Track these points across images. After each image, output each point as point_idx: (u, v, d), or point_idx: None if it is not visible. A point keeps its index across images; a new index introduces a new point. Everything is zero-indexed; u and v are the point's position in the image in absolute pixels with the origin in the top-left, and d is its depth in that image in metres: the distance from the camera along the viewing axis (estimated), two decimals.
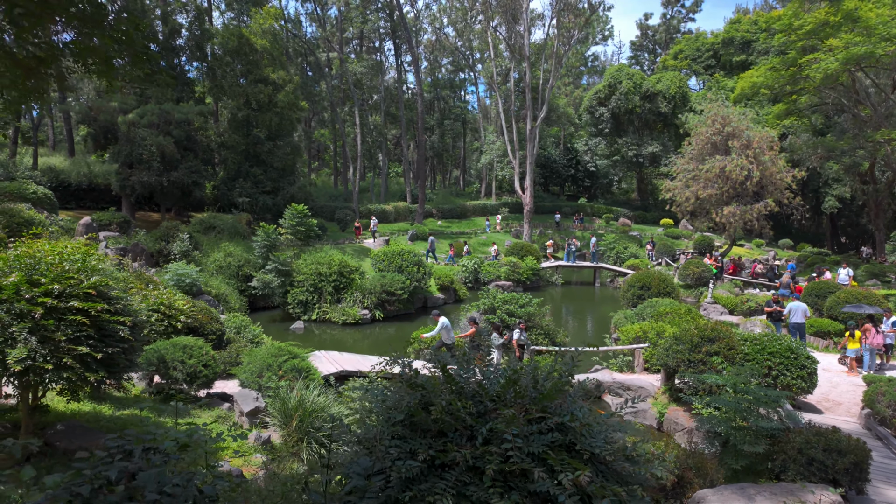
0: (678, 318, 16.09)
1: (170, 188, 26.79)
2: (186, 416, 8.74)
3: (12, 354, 5.12)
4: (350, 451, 3.38)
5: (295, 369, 9.60)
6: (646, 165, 52.50)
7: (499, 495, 2.70)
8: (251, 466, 7.13)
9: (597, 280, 30.95)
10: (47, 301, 5.50)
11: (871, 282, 27.05)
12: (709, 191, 26.64)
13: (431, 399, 3.18)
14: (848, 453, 6.53)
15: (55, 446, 6.37)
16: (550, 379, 3.65)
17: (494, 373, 3.65)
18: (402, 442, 2.97)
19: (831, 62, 23.56)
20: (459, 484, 2.79)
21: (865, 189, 39.01)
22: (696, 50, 52.66)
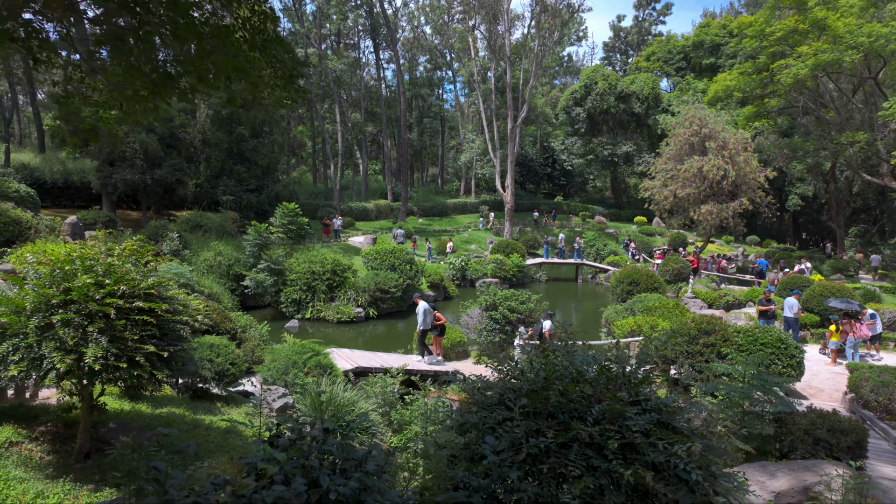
0: (667, 313, 16.89)
1: (153, 186, 26.36)
2: (219, 413, 8.91)
3: (89, 353, 5.28)
4: (460, 436, 3.75)
5: (319, 366, 9.84)
6: (620, 164, 53.89)
7: (622, 466, 3.12)
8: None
9: (579, 276, 31.79)
10: (116, 302, 5.66)
11: (835, 276, 28.60)
12: (687, 190, 27.71)
13: (545, 386, 3.58)
14: (850, 433, 7.20)
15: (111, 443, 6.51)
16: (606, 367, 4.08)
17: (582, 362, 4.07)
18: (527, 423, 3.36)
19: (801, 68, 24.82)
20: (582, 457, 3.20)
21: (827, 188, 41.05)
22: (668, 52, 54.26)
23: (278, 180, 32.44)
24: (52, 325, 5.42)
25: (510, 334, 14.88)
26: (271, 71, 4.40)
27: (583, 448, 3.26)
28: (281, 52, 4.29)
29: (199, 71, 4.10)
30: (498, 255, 28.98)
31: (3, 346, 5.27)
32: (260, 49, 4.17)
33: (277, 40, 4.30)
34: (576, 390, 3.48)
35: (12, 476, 5.45)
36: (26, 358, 5.27)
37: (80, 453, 6.22)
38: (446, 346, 14.81)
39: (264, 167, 31.14)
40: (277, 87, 4.42)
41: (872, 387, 10.37)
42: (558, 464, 3.15)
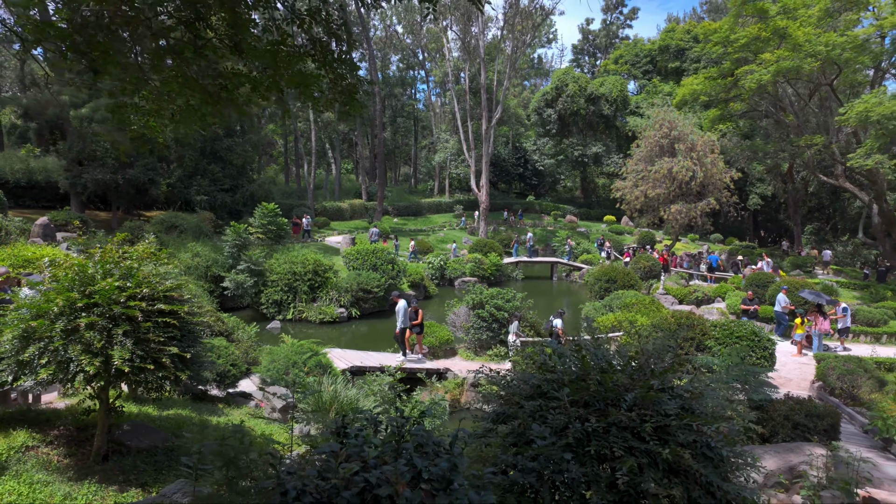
0: (644, 309, 17.58)
1: (125, 186, 25.76)
2: (222, 414, 8.96)
3: (116, 355, 5.35)
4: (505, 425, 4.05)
5: (319, 366, 9.99)
6: (589, 165, 55.11)
7: (659, 446, 3.48)
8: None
9: (554, 274, 32.50)
10: (139, 305, 5.73)
11: (795, 272, 30.11)
12: (657, 190, 28.69)
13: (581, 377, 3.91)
14: (825, 417, 7.82)
15: (126, 445, 6.56)
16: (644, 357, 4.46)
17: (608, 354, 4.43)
18: (573, 410, 3.68)
19: (764, 74, 26.03)
20: (622, 439, 3.54)
21: (786, 188, 43.03)
22: (635, 56, 55.75)
23: (253, 180, 32.07)
24: (77, 328, 5.46)
25: (497, 332, 15.25)
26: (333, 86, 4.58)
27: (621, 432, 3.60)
28: (346, 71, 4.49)
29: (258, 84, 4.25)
30: (476, 255, 29.40)
31: (29, 349, 5.28)
32: (327, 67, 4.36)
33: (345, 60, 4.50)
34: (612, 379, 3.83)
35: (36, 479, 5.48)
36: (53, 361, 5.31)
37: (98, 455, 6.25)
38: (434, 345, 15.08)
39: (239, 166, 30.76)
40: (337, 102, 4.60)
41: (838, 375, 11.14)
42: (602, 446, 3.49)
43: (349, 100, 4.63)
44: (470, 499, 2.63)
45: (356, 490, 2.53)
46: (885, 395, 11.29)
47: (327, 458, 2.94)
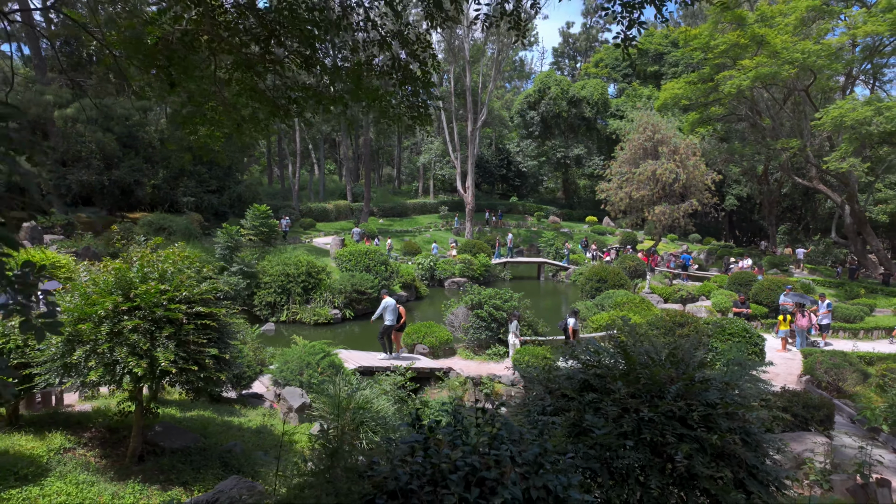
0: (635, 308, 18.10)
1: (110, 188, 25.38)
2: (239, 415, 9.08)
3: (162, 357, 5.48)
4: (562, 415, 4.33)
5: (332, 366, 10.16)
6: (571, 166, 55.92)
7: (706, 432, 3.81)
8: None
9: (541, 275, 32.99)
10: (180, 307, 5.87)
11: (772, 271, 31.14)
12: (642, 192, 29.42)
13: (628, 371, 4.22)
14: (822, 408, 8.31)
15: (160, 446, 6.66)
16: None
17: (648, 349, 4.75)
18: (632, 401, 3.98)
19: (743, 80, 26.92)
20: (672, 427, 3.86)
21: (761, 189, 44.38)
22: (615, 59, 56.78)
23: (240, 181, 31.83)
24: (120, 331, 5.57)
25: (496, 331, 15.56)
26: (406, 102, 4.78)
27: (670, 420, 3.92)
28: (419, 85, 4.71)
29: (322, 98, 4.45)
30: (466, 255, 29.69)
31: (77, 352, 5.38)
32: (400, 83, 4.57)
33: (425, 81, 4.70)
34: (659, 373, 4.14)
35: (81, 479, 5.58)
36: (101, 364, 5.42)
37: (134, 456, 6.35)
38: (434, 344, 15.32)
39: (226, 168, 30.50)
40: (405, 116, 4.82)
41: (826, 369, 11.73)
42: (655, 434, 3.80)
43: (419, 115, 4.85)
44: (559, 480, 2.90)
45: (462, 473, 2.78)
46: (868, 388, 11.94)
47: (424, 446, 3.18)
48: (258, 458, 6.99)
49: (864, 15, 24.34)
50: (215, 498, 4.75)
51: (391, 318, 13.88)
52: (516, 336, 14.46)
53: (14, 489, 5.11)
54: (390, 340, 14.24)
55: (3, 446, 5.87)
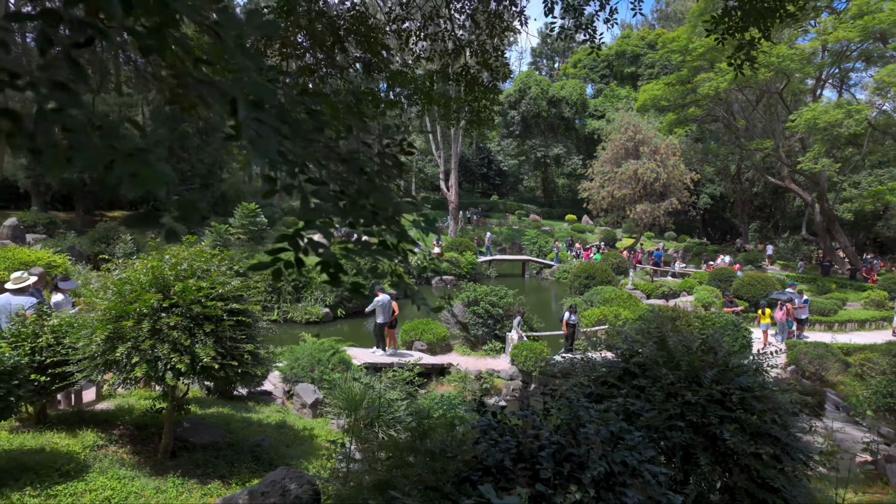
0: (623, 303, 18.63)
1: (92, 186, 24.83)
2: (255, 412, 9.16)
3: (203, 353, 5.58)
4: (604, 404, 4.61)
5: (342, 362, 10.30)
6: (551, 165, 56.72)
7: (743, 412, 4.14)
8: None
9: (526, 272, 33.48)
10: (216, 304, 5.97)
11: (747, 267, 32.25)
12: (624, 191, 30.12)
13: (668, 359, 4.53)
14: (815, 394, 8.83)
15: (190, 442, 6.74)
16: None
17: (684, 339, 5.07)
18: (679, 385, 4.29)
19: (721, 82, 27.82)
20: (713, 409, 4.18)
21: (734, 188, 45.81)
22: (593, 60, 57.69)
23: (223, 179, 31.46)
24: (160, 328, 5.65)
25: (492, 328, 15.88)
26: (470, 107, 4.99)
27: (710, 404, 4.24)
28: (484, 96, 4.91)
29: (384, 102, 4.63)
30: (453, 254, 29.95)
31: (119, 349, 5.44)
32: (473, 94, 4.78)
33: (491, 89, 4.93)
34: (698, 360, 4.46)
35: (122, 475, 5.65)
36: (143, 360, 5.49)
37: (167, 452, 6.42)
38: (432, 341, 15.54)
39: (209, 166, 30.12)
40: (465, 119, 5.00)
41: (810, 359, 12.36)
42: (699, 415, 4.11)
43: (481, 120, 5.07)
44: (634, 455, 3.18)
45: (550, 451, 3.03)
46: (848, 376, 12.63)
47: (496, 428, 3.42)
48: (286, 452, 7.12)
49: (834, 22, 25.41)
50: (270, 487, 4.90)
51: (384, 316, 14.03)
52: (518, 332, 14.79)
53: (59, 485, 5.17)
54: (383, 336, 14.45)
55: (38, 444, 5.88)
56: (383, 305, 14.14)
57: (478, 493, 2.91)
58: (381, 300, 14.05)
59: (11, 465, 5.29)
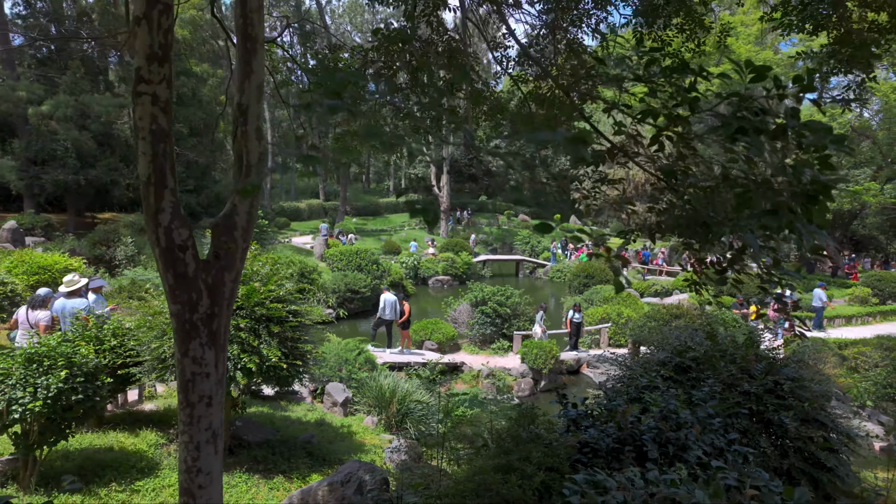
0: (623, 302, 19.14)
1: (86, 188, 24.61)
2: (289, 410, 9.39)
3: (271, 353, 5.83)
4: None
5: (368, 362, 10.57)
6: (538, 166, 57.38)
7: (794, 400, 4.56)
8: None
9: (520, 272, 33.96)
10: (277, 307, 6.23)
11: None
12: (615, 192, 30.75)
13: (724, 353, 4.94)
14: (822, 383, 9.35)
15: (245, 439, 6.98)
16: None
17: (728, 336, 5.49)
18: (741, 376, 4.69)
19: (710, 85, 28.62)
20: (768, 398, 4.60)
21: None
22: None
23: (217, 180, 31.33)
24: None
25: (500, 327, 16.26)
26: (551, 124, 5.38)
27: (766, 393, 4.66)
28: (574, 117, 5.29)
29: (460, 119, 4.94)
30: (448, 254, 30.27)
31: None
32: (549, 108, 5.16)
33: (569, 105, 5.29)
34: (751, 353, 4.88)
35: None
36: None
37: (224, 449, 6.65)
38: (441, 341, 15.84)
39: (204, 167, 29.99)
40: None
41: (808, 353, 12.98)
42: (756, 404, 4.52)
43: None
44: (721, 438, 3.56)
45: (651, 436, 3.40)
46: (842, 369, 13.29)
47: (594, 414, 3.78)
48: (334, 447, 7.39)
49: None
50: (347, 478, 5.19)
51: (389, 314, 14.43)
52: (541, 326, 15.25)
53: (139, 481, 5.39)
54: (389, 334, 14.81)
55: (105, 443, 6.07)
56: (391, 305, 14.48)
57: (589, 473, 3.27)
58: (387, 298, 14.46)
59: (90, 463, 5.49)
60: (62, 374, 4.83)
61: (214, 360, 2.11)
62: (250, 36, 2.09)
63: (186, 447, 2.06)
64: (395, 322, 14.59)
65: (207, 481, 2.06)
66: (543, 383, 14.52)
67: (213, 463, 2.14)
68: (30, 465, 4.97)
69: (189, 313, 2.03)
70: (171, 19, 1.81)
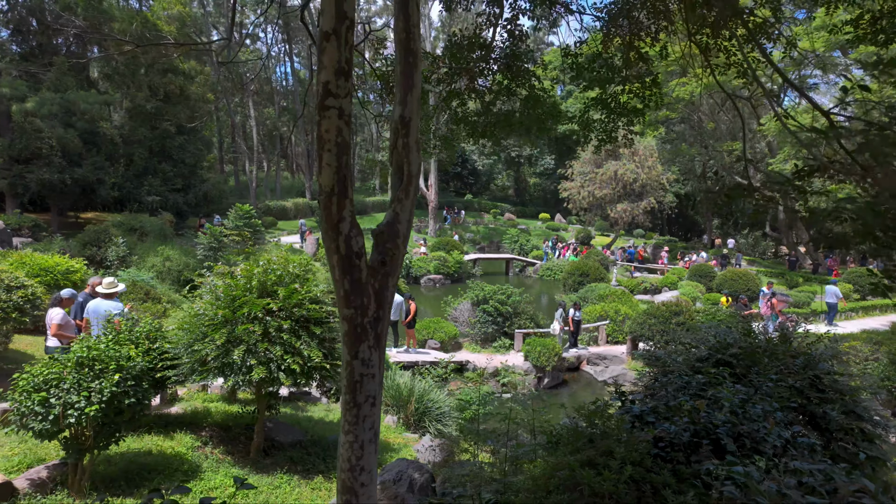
0: (618, 299, 19.48)
1: (72, 187, 24.06)
2: (305, 411, 9.39)
3: (314, 354, 5.86)
4: None
5: None
6: (524, 165, 57.85)
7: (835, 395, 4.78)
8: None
9: (510, 270, 34.19)
10: (313, 308, 6.26)
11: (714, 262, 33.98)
12: (605, 191, 31.23)
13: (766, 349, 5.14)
14: None
15: (276, 440, 6.99)
16: None
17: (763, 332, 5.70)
18: (781, 372, 4.88)
19: (695, 87, 29.22)
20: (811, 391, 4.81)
21: (700, 187, 47.96)
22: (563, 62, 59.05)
23: (205, 179, 30.88)
24: (269, 331, 5.90)
25: (501, 325, 16.41)
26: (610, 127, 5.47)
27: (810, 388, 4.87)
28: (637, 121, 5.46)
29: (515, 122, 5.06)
30: (440, 253, 30.35)
31: (235, 352, 5.65)
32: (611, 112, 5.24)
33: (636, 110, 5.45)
34: (791, 349, 5.09)
35: (234, 473, 5.88)
36: (259, 362, 5.73)
37: (259, 450, 6.66)
38: (444, 339, 15.93)
39: (191, 165, 29.56)
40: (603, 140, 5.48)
41: None
42: (800, 397, 4.73)
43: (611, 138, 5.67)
44: (784, 432, 3.74)
45: (725, 429, 3.56)
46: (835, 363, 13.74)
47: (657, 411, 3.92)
48: None
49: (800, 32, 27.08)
50: (398, 476, 5.26)
51: (394, 314, 14.46)
52: (560, 323, 15.49)
53: (185, 483, 5.37)
54: (396, 333, 14.87)
55: (142, 446, 6.03)
56: (397, 305, 14.53)
57: (670, 466, 3.41)
58: (395, 300, 14.50)
59: (133, 467, 5.47)
60: (115, 378, 4.81)
61: (378, 361, 2.17)
62: (412, 50, 2.16)
63: (351, 446, 2.12)
64: (399, 322, 14.64)
65: (368, 479, 2.13)
66: (547, 380, 14.72)
67: (373, 462, 2.20)
68: (79, 470, 4.93)
69: (360, 317, 2.09)
70: (354, 35, 1.86)
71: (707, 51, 6.41)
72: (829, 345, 5.70)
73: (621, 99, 6.35)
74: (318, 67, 1.86)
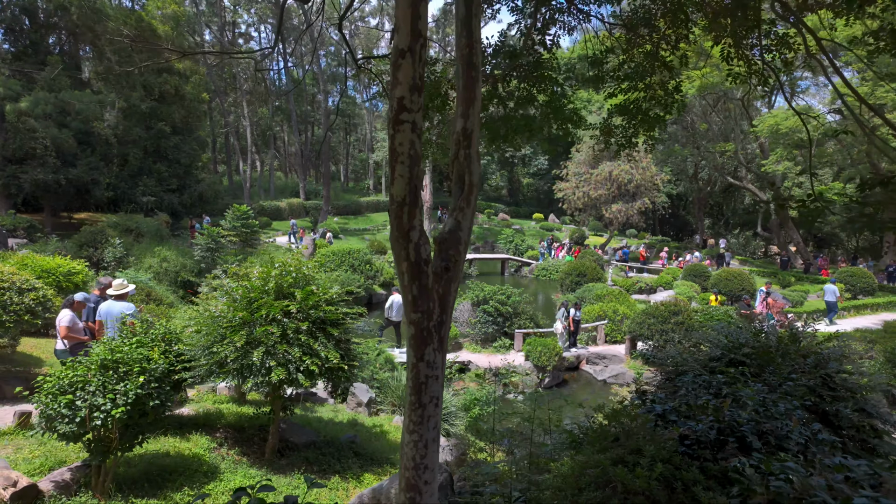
0: (615, 299, 19.66)
1: (66, 187, 23.87)
2: (313, 412, 9.43)
3: (332, 355, 5.91)
4: None
5: (388, 362, 10.68)
6: (517, 165, 58.05)
7: (847, 392, 4.92)
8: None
9: (505, 270, 34.35)
10: (329, 309, 6.31)
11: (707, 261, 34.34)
12: (599, 191, 31.46)
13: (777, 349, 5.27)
14: None
15: (290, 441, 7.03)
16: None
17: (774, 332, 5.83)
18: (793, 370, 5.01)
19: (689, 88, 29.49)
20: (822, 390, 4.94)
21: (692, 187, 48.37)
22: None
23: (200, 179, 30.73)
24: (287, 333, 5.94)
25: (501, 325, 16.53)
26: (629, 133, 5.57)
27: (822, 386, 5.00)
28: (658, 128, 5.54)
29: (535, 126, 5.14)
30: None
31: (255, 354, 5.69)
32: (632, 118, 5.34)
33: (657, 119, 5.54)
34: (801, 348, 5.22)
35: (252, 473, 5.93)
36: (278, 363, 5.77)
37: (273, 451, 6.70)
38: None
39: (186, 166, 29.41)
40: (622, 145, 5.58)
41: None
42: (812, 395, 4.86)
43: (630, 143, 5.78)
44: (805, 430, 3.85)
45: (749, 427, 3.66)
46: None
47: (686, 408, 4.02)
48: (376, 446, 7.50)
49: None
50: None
51: (396, 315, 14.60)
52: (563, 322, 15.64)
53: (207, 485, 5.42)
54: (398, 334, 14.99)
55: (159, 448, 6.05)
56: (399, 306, 14.65)
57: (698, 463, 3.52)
58: (395, 299, 14.62)
59: (153, 469, 5.49)
60: (139, 380, 4.84)
61: (441, 363, 2.25)
62: (474, 65, 2.23)
63: (416, 445, 2.19)
64: (402, 322, 14.73)
65: (431, 477, 2.20)
66: (547, 380, 14.85)
67: (436, 460, 2.27)
68: (102, 472, 4.96)
69: (426, 321, 2.17)
70: (427, 52, 1.93)
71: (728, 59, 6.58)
72: (838, 344, 5.83)
73: (643, 106, 6.47)
74: (393, 83, 1.93)
